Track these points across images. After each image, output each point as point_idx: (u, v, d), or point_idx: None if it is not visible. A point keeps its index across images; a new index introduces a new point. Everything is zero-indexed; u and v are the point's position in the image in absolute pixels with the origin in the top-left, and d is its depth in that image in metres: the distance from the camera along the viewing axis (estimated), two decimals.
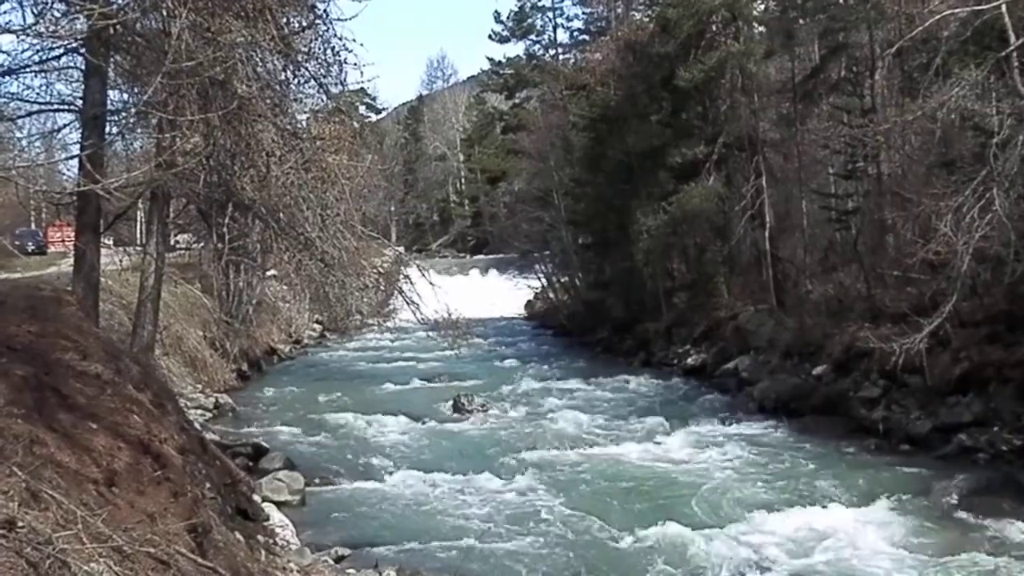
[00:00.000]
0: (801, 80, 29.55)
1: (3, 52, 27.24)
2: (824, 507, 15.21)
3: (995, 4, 17.39)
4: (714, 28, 34.13)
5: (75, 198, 14.57)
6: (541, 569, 12.86)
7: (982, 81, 17.87)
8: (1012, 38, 17.57)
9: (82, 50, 13.08)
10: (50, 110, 14.95)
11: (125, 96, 15.20)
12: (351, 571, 11.95)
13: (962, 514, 14.77)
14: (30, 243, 44.25)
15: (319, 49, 14.72)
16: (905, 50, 22.70)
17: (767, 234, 30.81)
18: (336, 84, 15.60)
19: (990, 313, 19.94)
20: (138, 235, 26.23)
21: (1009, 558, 12.66)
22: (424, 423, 23.53)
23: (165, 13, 11.26)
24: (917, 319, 18.08)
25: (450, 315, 23.30)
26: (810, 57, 31.47)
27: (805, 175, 30.09)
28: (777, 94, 32.16)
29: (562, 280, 51.92)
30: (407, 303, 23.25)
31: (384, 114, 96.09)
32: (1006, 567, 12.37)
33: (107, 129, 14.27)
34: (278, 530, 12.88)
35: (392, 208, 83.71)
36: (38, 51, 12.80)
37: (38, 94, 14.03)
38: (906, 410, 20.28)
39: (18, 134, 16.59)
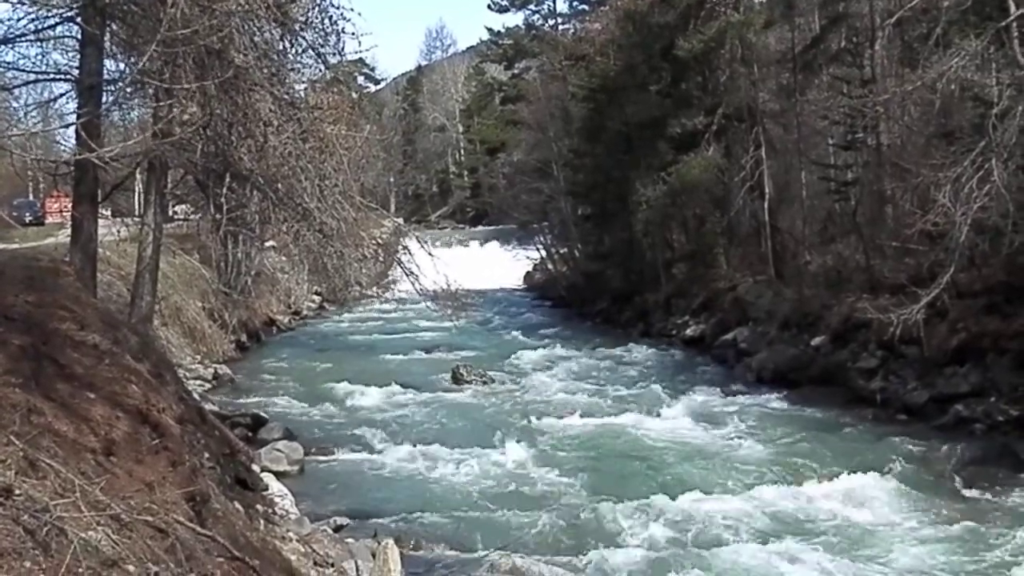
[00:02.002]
0: (801, 50, 29.41)
1: None
2: (821, 477, 15.27)
3: None
4: None
5: (72, 168, 14.56)
6: (538, 537, 12.91)
7: (982, 51, 17.80)
8: (1012, 8, 17.50)
9: (78, 19, 13.06)
10: (47, 79, 14.93)
11: (122, 65, 15.18)
12: (350, 540, 11.99)
13: (958, 484, 14.85)
14: (28, 214, 44.14)
15: (316, 18, 14.67)
16: (905, 20, 22.60)
17: (766, 205, 30.78)
18: (334, 54, 15.55)
19: (988, 284, 19.96)
20: (136, 206, 26.19)
21: (1004, 527, 12.74)
22: (423, 394, 23.57)
23: None
24: (915, 290, 18.11)
25: (449, 286, 23.33)
26: (810, 27, 31.29)
27: (804, 146, 30.02)
28: (777, 64, 32.02)
29: (561, 251, 51.90)
30: (406, 274, 23.27)
31: (383, 85, 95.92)
32: (1002, 536, 12.44)
33: (104, 98, 14.24)
34: (277, 500, 12.92)
35: (391, 179, 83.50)
36: (33, 20, 12.80)
37: (34, 63, 14.04)
38: (903, 380, 20.33)
39: (14, 104, 16.56)
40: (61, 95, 15.68)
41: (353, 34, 15.15)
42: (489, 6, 69.01)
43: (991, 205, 16.76)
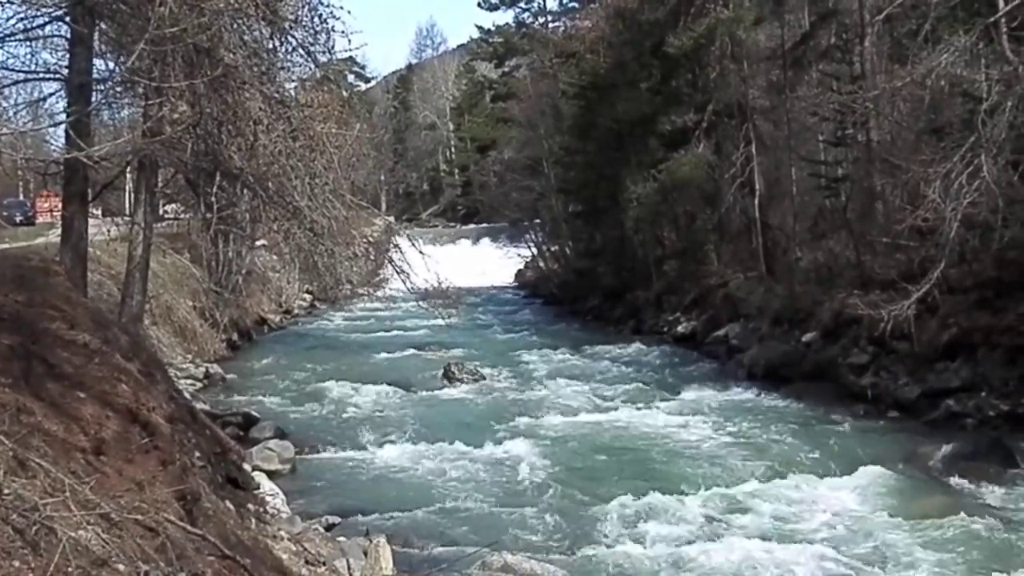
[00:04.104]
0: (791, 47, 29.44)
1: None
2: (812, 473, 15.29)
3: None
4: None
5: (62, 167, 14.54)
6: (530, 535, 12.92)
7: (971, 47, 17.83)
8: (1000, 3, 17.55)
9: (67, 18, 13.04)
10: (36, 79, 14.91)
11: (111, 64, 15.17)
12: (341, 539, 11.99)
13: (950, 479, 14.88)
14: (18, 214, 43.93)
15: (306, 16, 14.68)
16: (894, 16, 22.64)
17: (757, 202, 30.80)
18: (324, 52, 15.56)
19: (978, 279, 19.98)
20: (126, 205, 26.14)
21: (996, 522, 12.76)
22: (414, 392, 23.56)
23: None
24: (906, 286, 18.13)
25: (440, 284, 23.42)
26: (800, 24, 31.34)
27: (795, 142, 30.00)
28: (767, 61, 32.03)
29: (552, 249, 51.88)
30: (397, 272, 23.35)
31: (373, 83, 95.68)
32: (993, 530, 12.48)
33: (93, 98, 14.22)
34: (268, 499, 12.91)
35: (382, 177, 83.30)
36: (22, 19, 12.77)
37: (23, 63, 14.02)
38: (895, 376, 20.35)
39: (4, 103, 16.49)
40: (51, 94, 15.67)
41: (343, 32, 15.22)
42: (479, 4, 69.12)
43: (981, 200, 16.79)
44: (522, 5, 67.54)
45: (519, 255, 58.43)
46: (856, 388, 20.81)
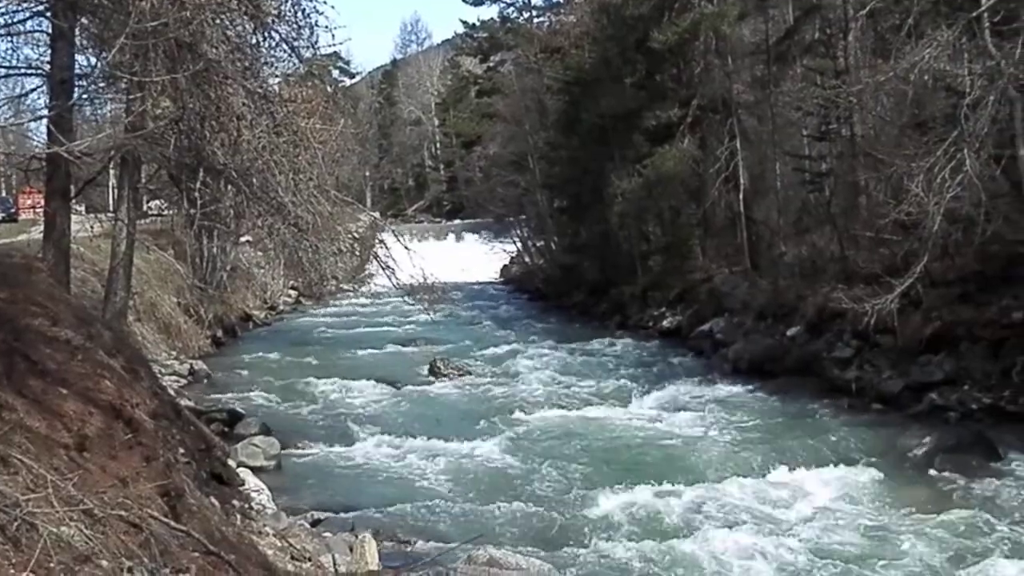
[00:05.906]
0: (775, 42, 29.52)
1: None
2: (797, 466, 15.32)
3: None
4: None
5: (44, 163, 14.49)
6: (515, 529, 12.92)
7: (953, 42, 17.89)
8: None
9: (48, 13, 13.01)
10: (17, 74, 14.92)
11: (93, 60, 15.13)
12: (327, 534, 11.97)
13: (933, 471, 14.93)
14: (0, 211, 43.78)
15: (289, 12, 14.66)
16: (878, 11, 22.69)
17: (741, 196, 30.87)
18: (308, 47, 15.53)
19: (961, 273, 20.07)
20: (110, 201, 26.06)
21: (978, 513, 12.81)
22: (400, 387, 23.51)
23: None
24: (889, 280, 18.20)
25: (426, 280, 23.37)
26: (784, 19, 31.41)
27: (779, 137, 30.11)
28: (751, 56, 32.13)
29: (538, 244, 51.94)
30: (382, 268, 23.31)
31: (358, 78, 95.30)
32: (975, 522, 12.52)
33: (75, 93, 14.18)
34: (254, 495, 12.88)
35: (367, 173, 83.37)
36: (3, 15, 12.77)
37: (4, 58, 14.08)
38: (878, 370, 20.41)
39: None
40: (32, 90, 15.69)
41: (327, 27, 15.18)
42: None
43: (964, 195, 16.88)
44: (506, 0, 67.43)
45: (504, 250, 58.49)
46: (840, 382, 20.86)
